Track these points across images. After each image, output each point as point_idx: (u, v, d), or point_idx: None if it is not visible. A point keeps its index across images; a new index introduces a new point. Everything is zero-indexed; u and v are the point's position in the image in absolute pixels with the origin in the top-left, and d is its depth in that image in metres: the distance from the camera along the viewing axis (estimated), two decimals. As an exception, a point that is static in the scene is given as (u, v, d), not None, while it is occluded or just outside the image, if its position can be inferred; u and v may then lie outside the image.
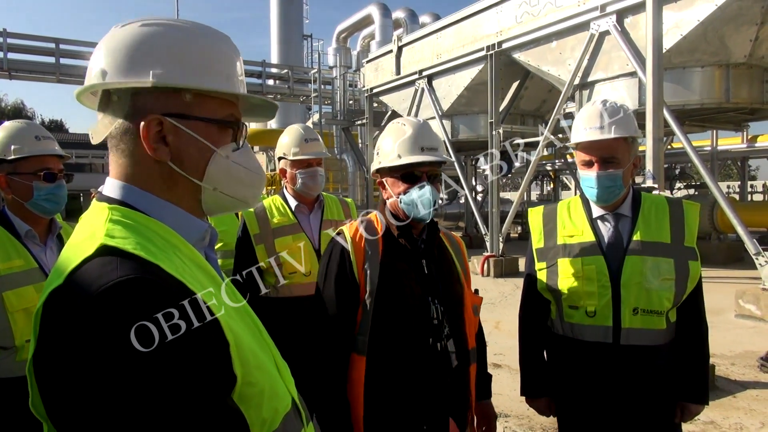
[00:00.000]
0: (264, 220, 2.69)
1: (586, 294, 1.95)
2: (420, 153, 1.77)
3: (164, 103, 0.91)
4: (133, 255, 0.79)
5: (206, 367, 0.77)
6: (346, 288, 1.77)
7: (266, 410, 0.87)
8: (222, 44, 0.98)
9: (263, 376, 0.87)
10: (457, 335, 1.82)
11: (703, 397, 2.00)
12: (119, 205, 0.90)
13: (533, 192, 28.20)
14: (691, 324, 2.00)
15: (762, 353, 5.18)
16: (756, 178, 33.66)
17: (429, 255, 1.85)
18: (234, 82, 0.97)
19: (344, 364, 1.74)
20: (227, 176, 0.97)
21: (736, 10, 7.70)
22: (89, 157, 30.40)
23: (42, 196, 2.09)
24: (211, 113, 0.95)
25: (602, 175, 1.91)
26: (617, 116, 1.92)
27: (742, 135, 16.27)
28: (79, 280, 0.76)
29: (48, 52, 17.78)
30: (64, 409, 0.74)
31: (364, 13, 24.91)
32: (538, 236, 2.14)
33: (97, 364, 0.70)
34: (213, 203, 0.99)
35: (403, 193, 1.78)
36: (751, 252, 6.98)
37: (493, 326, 6.93)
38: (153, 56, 0.90)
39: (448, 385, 1.78)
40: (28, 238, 2.09)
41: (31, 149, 2.09)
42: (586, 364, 1.97)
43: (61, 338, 0.72)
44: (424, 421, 1.74)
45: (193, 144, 0.93)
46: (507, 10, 10.60)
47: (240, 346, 0.83)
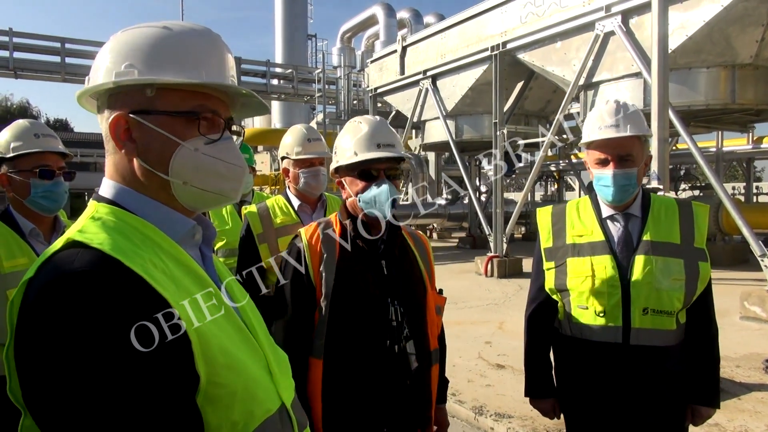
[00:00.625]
0: (267, 220, 2.71)
1: (595, 294, 1.94)
2: (376, 150, 1.75)
3: (129, 100, 0.94)
4: (94, 249, 0.80)
5: (155, 362, 0.76)
6: (301, 291, 1.76)
7: (238, 413, 0.86)
8: (191, 36, 0.97)
9: (235, 377, 0.86)
10: (417, 336, 1.80)
11: (714, 399, 1.98)
12: (107, 204, 0.93)
13: (537, 192, 28.13)
14: (701, 326, 1.98)
15: (767, 355, 5.15)
16: (761, 180, 33.52)
17: (389, 255, 1.83)
18: (200, 73, 0.94)
19: (302, 367, 1.72)
20: (196, 169, 0.95)
21: (742, 10, 7.66)
22: (94, 156, 30.44)
23: (39, 194, 2.08)
24: (173, 106, 0.94)
25: (619, 173, 1.90)
26: (632, 115, 1.93)
27: (748, 136, 16.18)
28: (43, 271, 0.80)
29: (53, 52, 17.84)
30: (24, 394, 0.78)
31: (369, 13, 24.93)
32: (546, 236, 2.13)
33: (39, 353, 0.74)
34: (188, 198, 0.97)
35: (361, 191, 1.76)
36: (757, 254, 6.96)
37: (497, 327, 6.91)
38: (117, 57, 0.93)
39: (407, 387, 1.76)
40: (33, 236, 2.10)
41: (28, 146, 2.09)
42: (594, 365, 1.96)
43: (20, 326, 0.77)
44: (384, 423, 1.73)
45: (157, 138, 0.93)
46: (512, 11, 10.58)
47: (206, 345, 0.83)
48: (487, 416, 4.15)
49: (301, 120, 25.86)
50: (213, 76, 0.95)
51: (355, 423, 1.72)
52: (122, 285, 0.77)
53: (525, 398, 2.25)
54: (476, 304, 8.32)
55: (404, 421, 1.78)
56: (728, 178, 30.41)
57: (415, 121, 14.36)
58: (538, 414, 2.24)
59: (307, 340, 1.75)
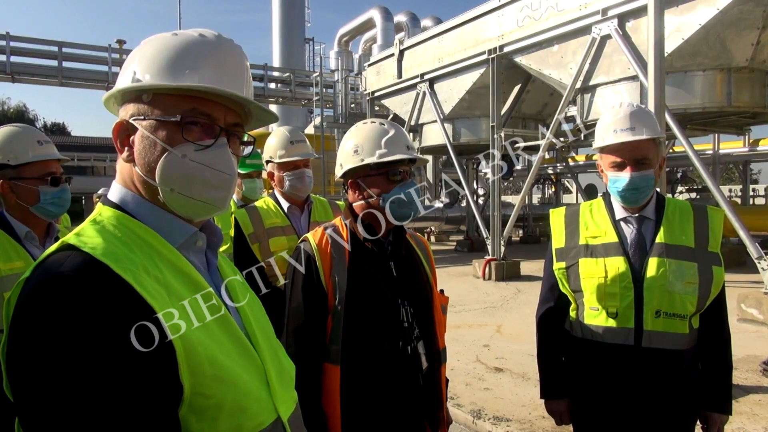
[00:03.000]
0: (258, 220, 2.72)
1: (608, 295, 1.93)
2: (406, 151, 1.76)
3: (131, 107, 0.95)
4: (84, 253, 0.81)
5: (134, 369, 0.75)
6: (314, 296, 1.73)
7: (224, 425, 0.84)
8: (192, 41, 0.94)
9: (224, 388, 0.84)
10: (427, 336, 1.80)
11: (726, 406, 1.96)
12: (111, 207, 0.93)
13: (535, 195, 28.16)
14: (714, 331, 1.97)
15: (764, 358, 5.16)
16: (758, 182, 33.62)
17: (397, 257, 1.83)
18: (194, 77, 0.91)
19: (317, 374, 1.71)
20: (183, 176, 0.92)
21: (738, 14, 7.69)
22: (91, 160, 30.44)
23: (48, 200, 2.12)
24: (165, 111, 0.92)
25: (636, 176, 1.90)
26: (646, 117, 1.94)
27: (744, 139, 16.25)
28: (36, 272, 0.81)
29: (51, 56, 17.83)
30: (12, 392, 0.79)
31: (366, 16, 24.95)
32: (559, 236, 2.12)
33: (20, 352, 0.75)
34: (178, 206, 0.94)
35: (387, 192, 1.75)
36: (753, 256, 6.97)
37: (495, 330, 6.91)
38: (129, 64, 0.95)
39: (420, 387, 1.76)
40: (28, 239, 2.12)
41: (35, 154, 2.12)
42: (606, 367, 1.95)
43: (11, 325, 0.78)
44: (400, 425, 1.73)
45: (148, 144, 0.93)
46: (509, 14, 10.61)
47: (193, 354, 0.81)
48: (485, 420, 4.14)
49: (299, 124, 25.88)
50: (207, 80, 0.91)
51: (373, 426, 1.71)
52: (104, 291, 0.77)
53: (523, 401, 2.26)
54: (474, 307, 8.32)
55: (418, 422, 1.77)
56: (725, 181, 30.49)
57: (413, 125, 14.37)
58: (536, 417, 2.25)
59: (320, 346, 1.73)
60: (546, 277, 2.17)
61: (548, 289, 2.15)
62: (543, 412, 2.25)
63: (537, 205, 22.09)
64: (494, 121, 10.97)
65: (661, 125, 7.84)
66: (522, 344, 6.04)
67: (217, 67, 0.94)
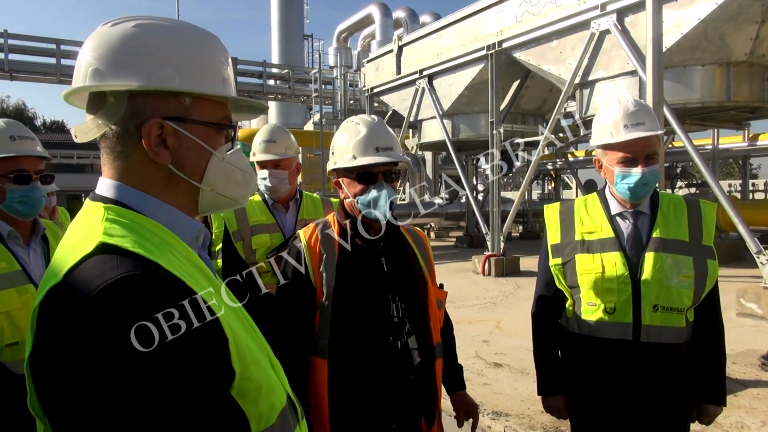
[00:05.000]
0: (243, 217, 2.72)
1: (605, 290, 1.93)
2: (375, 153, 1.75)
3: (164, 106, 0.91)
4: (132, 253, 0.79)
5: (206, 364, 0.79)
6: (301, 291, 1.77)
7: (263, 405, 0.88)
8: (214, 46, 0.99)
9: (260, 371, 0.89)
10: (419, 331, 1.81)
11: (720, 398, 1.98)
12: (114, 204, 0.90)
13: (534, 191, 28.14)
14: (708, 324, 1.99)
15: (763, 352, 5.17)
16: (757, 177, 33.60)
17: (389, 253, 1.85)
18: (228, 85, 0.99)
19: (303, 367, 1.73)
20: (223, 177, 0.99)
21: (737, 8, 7.68)
22: (90, 158, 30.42)
23: (15, 199, 1.98)
24: (208, 116, 0.97)
25: (647, 171, 1.91)
26: (652, 113, 1.96)
27: (743, 133, 16.22)
28: (79, 277, 0.76)
29: (49, 53, 17.79)
30: (63, 408, 0.74)
31: (365, 12, 24.93)
32: (554, 232, 2.12)
33: (97, 362, 0.70)
34: (209, 203, 1.01)
35: (360, 194, 1.77)
36: (753, 251, 6.98)
37: (494, 326, 6.92)
38: (151, 58, 0.90)
39: (412, 382, 1.77)
40: (11, 239, 2.00)
41: (3, 150, 1.98)
42: (604, 363, 1.95)
43: (60, 336, 0.72)
44: (392, 420, 1.74)
45: (192, 147, 0.94)
46: (507, 10, 10.59)
47: (238, 343, 0.85)
48: (484, 415, 4.15)
49: (299, 120, 25.86)
50: (231, 87, 1.00)
51: (363, 421, 1.73)
52: (172, 285, 0.79)
53: (522, 396, 2.27)
54: (474, 303, 8.33)
55: (411, 416, 1.78)
56: (724, 176, 30.51)
57: (412, 121, 14.37)
58: (535, 412, 2.25)
59: (308, 340, 1.75)
60: (541, 273, 2.17)
61: (544, 285, 2.15)
62: (542, 407, 2.26)
63: (537, 201, 22.07)
64: (493, 117, 10.96)
65: (660, 120, 7.86)
66: (521, 340, 6.05)
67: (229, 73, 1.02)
